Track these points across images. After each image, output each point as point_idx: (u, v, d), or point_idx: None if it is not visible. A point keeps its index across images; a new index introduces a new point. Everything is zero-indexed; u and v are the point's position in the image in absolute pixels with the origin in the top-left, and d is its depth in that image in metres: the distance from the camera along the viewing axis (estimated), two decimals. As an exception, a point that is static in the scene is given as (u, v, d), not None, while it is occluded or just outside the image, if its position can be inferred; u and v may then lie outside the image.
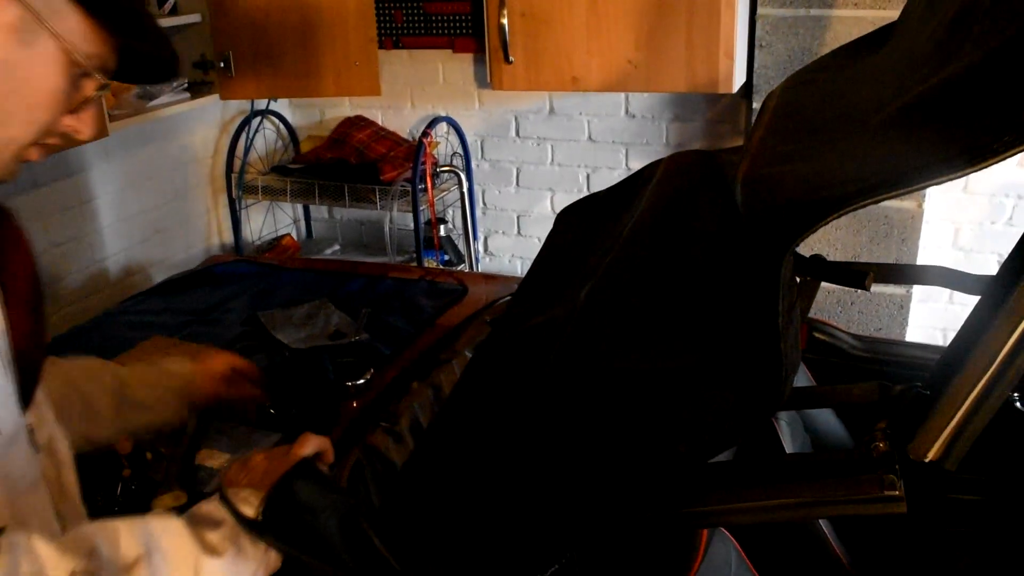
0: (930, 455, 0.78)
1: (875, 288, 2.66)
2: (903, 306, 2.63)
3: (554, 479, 0.94)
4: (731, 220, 1.06)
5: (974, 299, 2.33)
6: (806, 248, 1.90)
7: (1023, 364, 0.72)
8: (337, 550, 0.92)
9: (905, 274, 1.16)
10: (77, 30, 0.83)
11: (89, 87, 0.87)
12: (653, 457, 0.86)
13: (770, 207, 0.80)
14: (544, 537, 0.92)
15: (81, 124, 0.89)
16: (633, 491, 0.87)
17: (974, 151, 0.69)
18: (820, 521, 1.66)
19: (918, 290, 2.68)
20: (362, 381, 1.77)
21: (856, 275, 0.92)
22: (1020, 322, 0.70)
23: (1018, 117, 0.67)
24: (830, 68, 1.46)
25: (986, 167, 0.67)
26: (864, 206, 0.68)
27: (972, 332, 0.76)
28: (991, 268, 2.71)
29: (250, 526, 0.93)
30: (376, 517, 0.99)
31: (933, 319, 2.82)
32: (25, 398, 0.94)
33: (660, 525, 0.90)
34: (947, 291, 2.80)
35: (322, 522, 0.94)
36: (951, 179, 0.66)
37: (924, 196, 2.51)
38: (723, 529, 1.46)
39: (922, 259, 2.61)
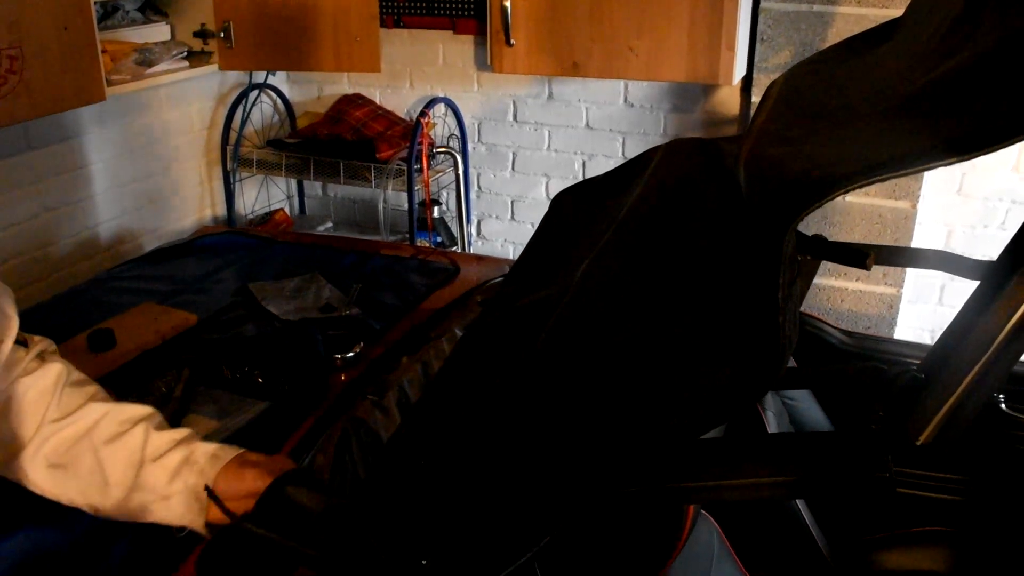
0: (922, 438, 0.78)
1: (866, 287, 2.67)
2: (892, 305, 2.65)
3: (543, 453, 0.93)
4: (730, 203, 1.06)
5: (962, 302, 2.34)
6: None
7: (1019, 350, 0.72)
8: (325, 544, 0.92)
9: (905, 256, 1.16)
10: None
11: None
12: (645, 430, 0.85)
13: (774, 184, 0.80)
14: (530, 513, 0.92)
15: None
16: (623, 465, 0.87)
17: (980, 136, 0.69)
18: (802, 510, 1.68)
19: (908, 290, 2.70)
20: (351, 354, 1.77)
21: (857, 254, 0.92)
22: (1019, 307, 0.70)
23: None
24: (834, 60, 1.46)
25: (992, 151, 0.67)
26: (870, 183, 0.68)
27: (969, 316, 0.76)
28: (981, 271, 2.73)
29: (239, 521, 0.93)
30: (362, 494, 0.99)
31: (922, 320, 2.84)
32: None
33: (649, 500, 0.90)
34: (937, 292, 2.81)
35: (313, 520, 0.93)
36: (957, 161, 0.66)
37: (919, 197, 2.52)
38: (707, 514, 1.47)
39: (913, 259, 2.61)
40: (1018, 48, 0.80)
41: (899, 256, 1.10)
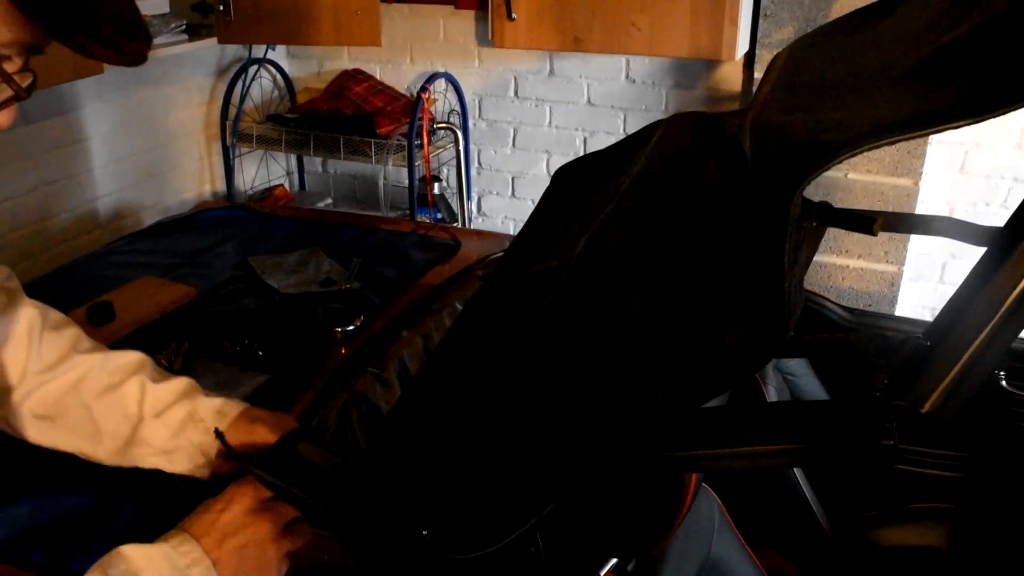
0: (927, 406, 0.78)
1: (867, 265, 2.67)
2: (894, 283, 2.64)
3: (545, 421, 0.93)
4: (733, 172, 1.05)
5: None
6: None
7: (1025, 315, 0.72)
8: (332, 499, 0.91)
9: (911, 223, 1.16)
10: None
11: (20, 88, 0.73)
12: (648, 398, 0.85)
13: (780, 149, 0.79)
14: (533, 481, 0.92)
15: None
16: (626, 433, 0.87)
17: (991, 98, 0.68)
18: (802, 484, 1.68)
19: (909, 268, 2.69)
20: (351, 328, 1.76)
21: (863, 220, 0.91)
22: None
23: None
24: (838, 33, 1.45)
25: (1003, 113, 0.66)
26: (878, 146, 0.67)
27: (975, 283, 0.75)
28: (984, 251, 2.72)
29: (254, 463, 0.92)
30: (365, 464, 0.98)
31: (923, 298, 2.83)
32: None
33: (651, 469, 0.90)
34: (938, 271, 2.81)
35: (321, 476, 0.93)
36: (968, 124, 0.65)
37: (921, 174, 2.51)
38: (707, 487, 1.47)
39: (915, 237, 2.61)
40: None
41: (905, 222, 1.09)
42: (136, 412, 1.05)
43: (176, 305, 1.89)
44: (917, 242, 2.64)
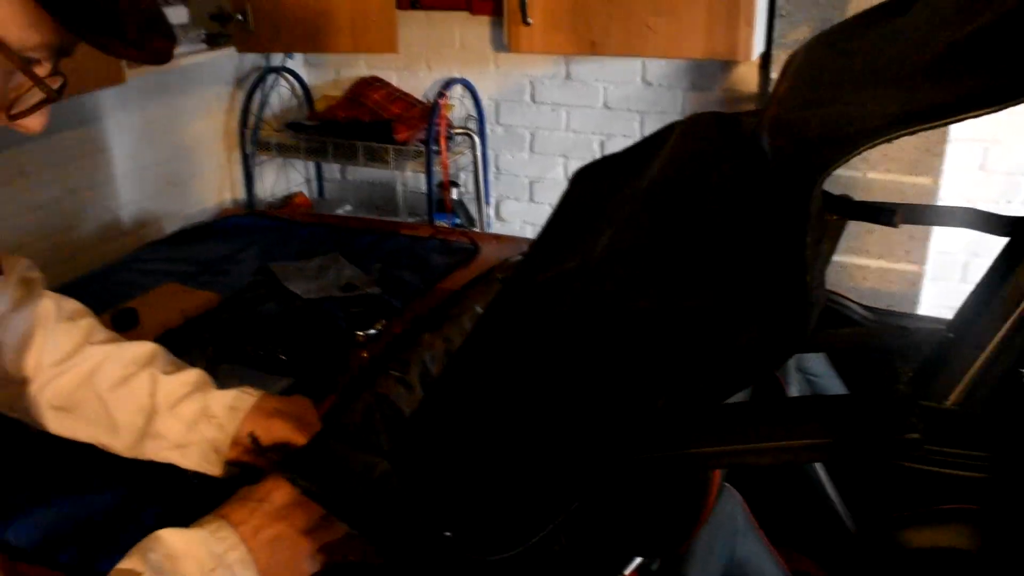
0: (951, 399, 0.78)
1: (888, 265, 2.65)
2: (915, 283, 2.63)
3: (567, 420, 0.93)
4: (751, 171, 1.05)
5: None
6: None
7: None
8: (370, 505, 0.92)
9: (931, 214, 1.16)
10: (17, 16, 0.67)
11: (50, 90, 0.73)
12: (671, 396, 0.85)
13: (799, 142, 0.80)
14: (558, 481, 0.92)
15: (28, 121, 0.75)
16: (649, 431, 0.87)
17: (1010, 87, 0.68)
18: (826, 485, 1.68)
19: (931, 267, 2.68)
20: (373, 331, 1.78)
21: (884, 212, 0.91)
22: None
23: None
24: (854, 30, 1.45)
25: (1015, 105, 0.67)
26: (894, 138, 0.67)
27: (998, 275, 0.76)
28: (1004, 248, 2.70)
29: (287, 466, 0.93)
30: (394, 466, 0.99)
31: (945, 298, 2.81)
32: None
33: (675, 466, 0.90)
34: (960, 270, 2.79)
35: (357, 477, 0.94)
36: (987, 112, 0.66)
37: (940, 172, 2.50)
38: (731, 487, 1.47)
39: (936, 236, 2.60)
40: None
41: (926, 214, 1.09)
42: (149, 405, 1.06)
43: (199, 311, 1.91)
44: (938, 241, 2.63)
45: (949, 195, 2.68)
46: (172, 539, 0.84)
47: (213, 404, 1.07)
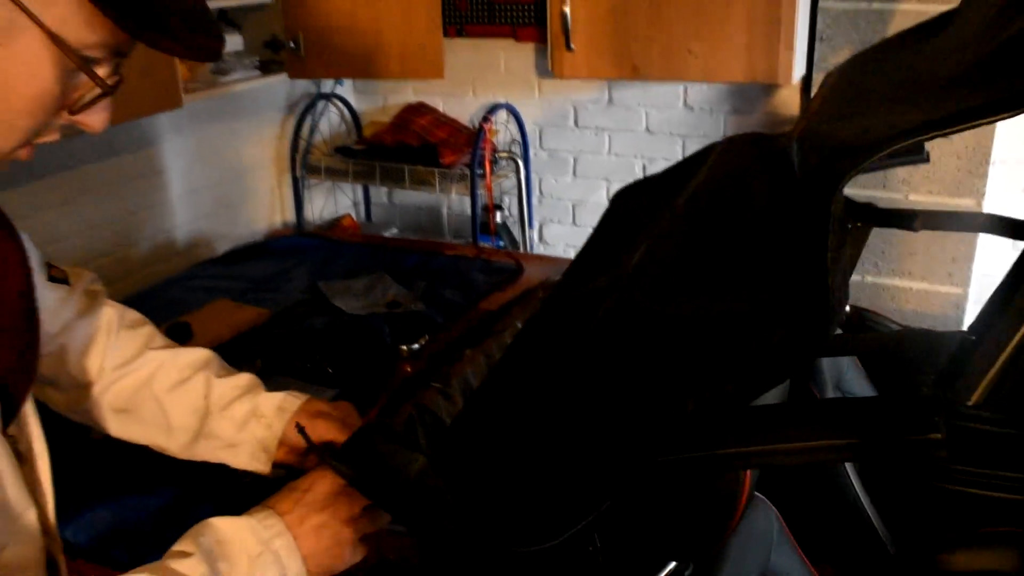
0: (974, 399, 0.80)
1: (931, 287, 2.64)
2: (959, 305, 2.61)
3: (599, 421, 0.97)
4: (782, 184, 1.08)
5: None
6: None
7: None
8: (410, 497, 0.96)
9: (951, 220, 1.17)
10: (75, 15, 0.68)
11: (105, 85, 0.73)
12: (699, 398, 0.88)
13: (824, 151, 0.83)
14: (591, 479, 0.95)
15: (89, 118, 0.76)
16: (679, 432, 0.90)
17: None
18: (866, 504, 1.68)
19: (975, 289, 2.66)
20: (416, 346, 1.82)
21: (905, 217, 0.94)
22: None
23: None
24: (891, 49, 1.48)
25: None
26: (920, 141, 0.70)
27: (1018, 277, 0.78)
28: (1051, 271, 2.68)
29: (331, 455, 0.97)
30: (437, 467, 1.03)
31: (989, 321, 2.79)
32: (10, 410, 0.85)
33: (705, 466, 0.93)
34: (1004, 293, 2.77)
35: (398, 470, 0.98)
36: (1008, 117, 0.68)
37: (983, 194, 2.49)
38: (766, 500, 1.48)
39: (979, 258, 2.58)
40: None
41: (947, 219, 1.11)
42: (203, 406, 1.12)
43: (250, 325, 1.97)
44: (981, 263, 2.61)
45: (993, 218, 2.67)
46: (222, 525, 0.89)
47: (263, 404, 1.12)
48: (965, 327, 2.66)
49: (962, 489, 1.94)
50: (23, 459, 0.87)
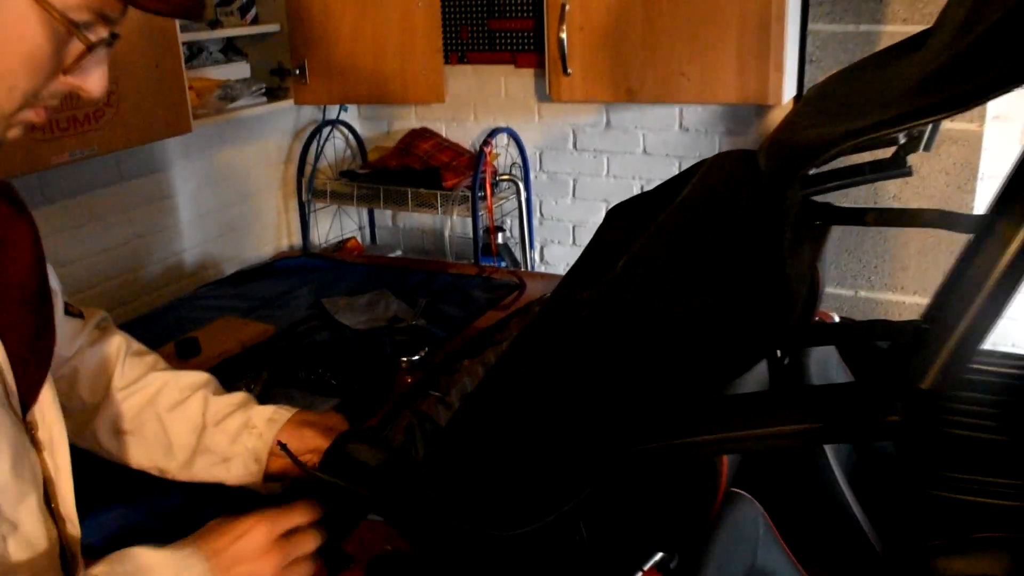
0: (926, 383, 0.85)
1: (924, 301, 2.69)
2: (951, 319, 2.66)
3: (576, 410, 1.02)
4: (759, 193, 1.15)
5: (1020, 315, 2.36)
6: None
7: (1008, 290, 0.80)
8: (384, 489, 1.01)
9: (903, 216, 1.23)
10: None
11: (87, 39, 0.76)
12: (675, 388, 0.94)
13: (782, 156, 0.89)
14: (569, 467, 1.00)
15: (85, 82, 0.78)
16: (654, 422, 0.95)
17: (972, 92, 0.77)
18: (852, 503, 1.72)
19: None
20: (417, 358, 1.88)
21: (856, 213, 0.99)
22: (1004, 249, 0.78)
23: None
24: (869, 65, 1.54)
25: (980, 104, 0.75)
26: (872, 139, 0.76)
27: (962, 266, 0.83)
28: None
29: (312, 471, 1.02)
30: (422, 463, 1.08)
31: (983, 334, 2.83)
32: (28, 397, 0.88)
33: (677, 455, 0.98)
34: (997, 307, 2.81)
35: (371, 470, 1.03)
36: (951, 116, 0.74)
37: (971, 208, 2.55)
38: (752, 498, 1.53)
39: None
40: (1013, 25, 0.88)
41: (898, 215, 1.17)
42: (200, 422, 1.19)
43: (256, 340, 2.03)
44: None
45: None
46: (143, 555, 0.88)
47: (254, 417, 1.19)
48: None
49: (954, 496, 1.98)
50: (41, 447, 0.90)
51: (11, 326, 0.85)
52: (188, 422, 1.19)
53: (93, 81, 0.78)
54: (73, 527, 0.95)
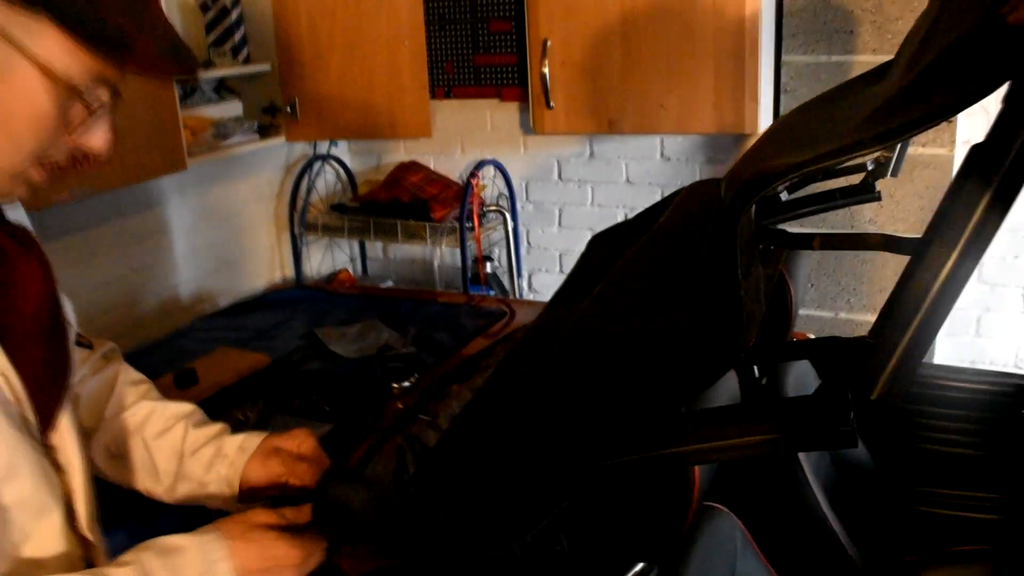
0: (875, 393, 0.92)
1: (901, 321, 2.76)
2: (928, 338, 2.73)
3: (549, 428, 1.08)
4: (719, 225, 1.22)
5: (999, 332, 2.44)
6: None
7: (946, 306, 0.87)
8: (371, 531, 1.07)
9: (848, 240, 1.30)
10: (58, 48, 0.77)
11: (91, 102, 0.82)
12: (641, 404, 1.01)
13: (736, 186, 0.96)
14: (543, 483, 1.06)
15: (90, 140, 0.84)
16: (626, 437, 1.02)
17: (908, 124, 0.84)
18: (831, 517, 1.78)
19: (945, 324, 2.78)
20: (407, 383, 1.95)
21: (804, 238, 1.06)
22: (939, 270, 0.85)
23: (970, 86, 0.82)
24: (829, 97, 1.63)
25: (915, 134, 0.83)
26: (818, 169, 0.83)
27: (903, 285, 0.91)
28: (1016, 303, 2.81)
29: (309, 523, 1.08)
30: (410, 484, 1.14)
31: (960, 353, 2.91)
32: (46, 423, 0.92)
33: (649, 467, 1.04)
34: (973, 325, 2.89)
35: (360, 511, 1.09)
36: (888, 145, 0.81)
37: (945, 232, 2.63)
38: (727, 510, 1.58)
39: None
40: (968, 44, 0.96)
41: (842, 240, 1.24)
42: (180, 450, 1.25)
43: (252, 370, 2.10)
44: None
45: (957, 254, 2.79)
46: (169, 539, 0.95)
47: (226, 445, 1.25)
48: (936, 360, 2.78)
49: (932, 510, 2.04)
50: (61, 469, 0.94)
51: (25, 358, 0.90)
52: (170, 449, 1.25)
53: (97, 139, 0.85)
54: (97, 543, 1.01)
